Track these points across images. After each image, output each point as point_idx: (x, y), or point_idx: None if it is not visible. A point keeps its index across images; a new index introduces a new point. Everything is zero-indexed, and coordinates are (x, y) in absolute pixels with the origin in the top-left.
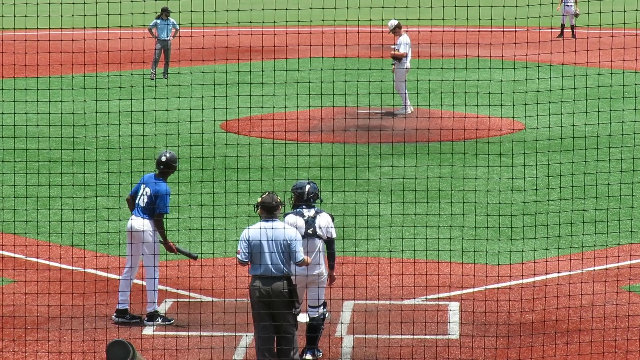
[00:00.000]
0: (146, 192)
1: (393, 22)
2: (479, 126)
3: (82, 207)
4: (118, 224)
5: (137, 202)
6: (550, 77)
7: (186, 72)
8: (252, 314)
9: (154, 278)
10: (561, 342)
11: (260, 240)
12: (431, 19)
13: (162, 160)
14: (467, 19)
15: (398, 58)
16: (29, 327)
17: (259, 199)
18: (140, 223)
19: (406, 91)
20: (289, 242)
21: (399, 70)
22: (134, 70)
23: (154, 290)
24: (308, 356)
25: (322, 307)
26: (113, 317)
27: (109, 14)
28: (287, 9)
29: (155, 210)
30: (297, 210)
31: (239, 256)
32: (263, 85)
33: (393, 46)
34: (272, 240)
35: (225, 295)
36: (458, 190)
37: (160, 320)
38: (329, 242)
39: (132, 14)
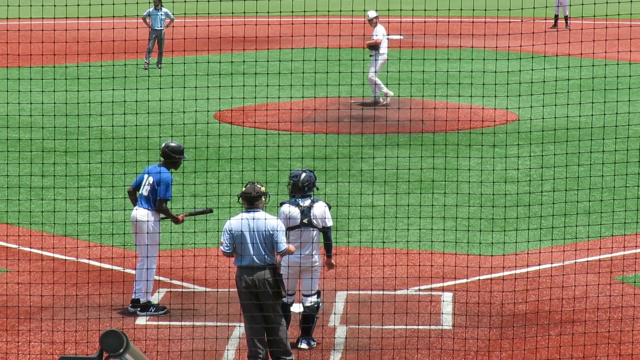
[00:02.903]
0: (149, 182)
1: (373, 13)
2: (473, 117)
3: (75, 197)
4: (111, 214)
5: (140, 192)
6: (544, 68)
7: (180, 62)
8: (241, 305)
9: (150, 268)
10: (554, 333)
11: (242, 232)
12: (425, 10)
13: (166, 150)
14: (461, 9)
15: (375, 47)
16: (22, 317)
17: (243, 189)
18: (143, 213)
19: (377, 82)
20: (271, 232)
21: (376, 61)
22: (127, 60)
23: (148, 280)
24: (303, 345)
25: (315, 296)
26: (129, 307)
27: (102, 4)
28: None
29: (157, 197)
30: (293, 199)
31: (222, 247)
32: (256, 75)
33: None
34: (254, 231)
35: (218, 286)
36: (451, 181)
37: (153, 310)
38: (325, 231)
39: (125, 3)
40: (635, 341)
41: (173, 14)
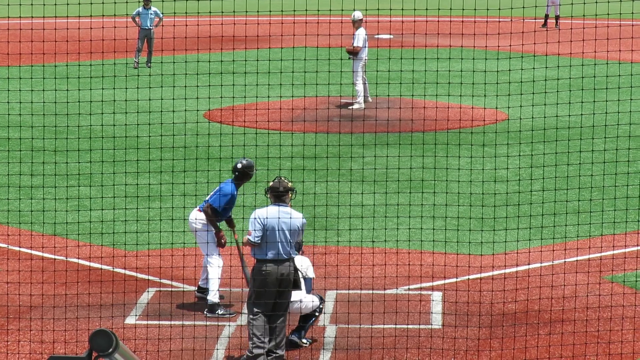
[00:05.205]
0: (214, 189)
1: (359, 15)
2: (462, 116)
3: (65, 196)
4: (100, 213)
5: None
6: (533, 68)
7: (169, 61)
8: (257, 298)
9: (211, 266)
10: (544, 332)
11: (274, 225)
12: (415, 9)
13: (238, 167)
14: (450, 9)
15: (354, 53)
16: (11, 316)
17: (271, 183)
18: (193, 216)
19: (360, 82)
20: (298, 230)
21: (355, 62)
22: (116, 59)
23: (210, 278)
24: (293, 337)
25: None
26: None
27: (91, 3)
28: None
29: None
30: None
31: (250, 237)
32: (246, 74)
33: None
34: (285, 225)
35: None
36: (441, 181)
37: (219, 312)
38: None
39: (114, 2)
40: (625, 340)
41: (162, 13)
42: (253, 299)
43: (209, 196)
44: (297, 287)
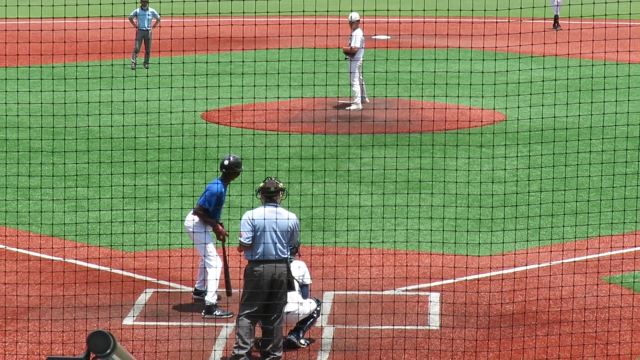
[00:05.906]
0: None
1: (356, 16)
2: (460, 117)
3: (62, 197)
4: (98, 214)
5: None
6: (531, 69)
7: (167, 62)
8: (247, 299)
9: (209, 267)
10: (541, 333)
11: (265, 226)
12: (412, 10)
13: (225, 164)
14: (448, 10)
15: (351, 53)
16: (9, 317)
17: (261, 184)
18: (189, 218)
19: (357, 83)
20: (291, 230)
21: (352, 62)
22: (114, 60)
23: (207, 279)
24: (291, 337)
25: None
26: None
27: (89, 4)
28: None
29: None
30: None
31: (241, 239)
32: (243, 75)
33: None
34: (276, 226)
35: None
36: (439, 181)
37: (217, 313)
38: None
39: (112, 3)
40: (622, 341)
41: (160, 14)
42: (243, 300)
43: (199, 198)
44: (291, 288)
